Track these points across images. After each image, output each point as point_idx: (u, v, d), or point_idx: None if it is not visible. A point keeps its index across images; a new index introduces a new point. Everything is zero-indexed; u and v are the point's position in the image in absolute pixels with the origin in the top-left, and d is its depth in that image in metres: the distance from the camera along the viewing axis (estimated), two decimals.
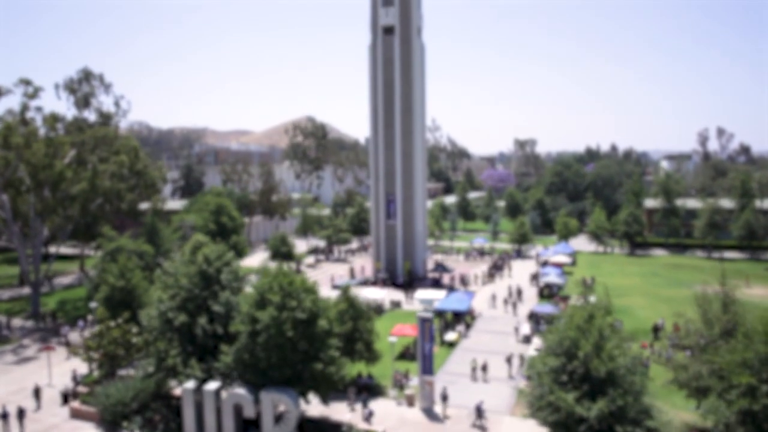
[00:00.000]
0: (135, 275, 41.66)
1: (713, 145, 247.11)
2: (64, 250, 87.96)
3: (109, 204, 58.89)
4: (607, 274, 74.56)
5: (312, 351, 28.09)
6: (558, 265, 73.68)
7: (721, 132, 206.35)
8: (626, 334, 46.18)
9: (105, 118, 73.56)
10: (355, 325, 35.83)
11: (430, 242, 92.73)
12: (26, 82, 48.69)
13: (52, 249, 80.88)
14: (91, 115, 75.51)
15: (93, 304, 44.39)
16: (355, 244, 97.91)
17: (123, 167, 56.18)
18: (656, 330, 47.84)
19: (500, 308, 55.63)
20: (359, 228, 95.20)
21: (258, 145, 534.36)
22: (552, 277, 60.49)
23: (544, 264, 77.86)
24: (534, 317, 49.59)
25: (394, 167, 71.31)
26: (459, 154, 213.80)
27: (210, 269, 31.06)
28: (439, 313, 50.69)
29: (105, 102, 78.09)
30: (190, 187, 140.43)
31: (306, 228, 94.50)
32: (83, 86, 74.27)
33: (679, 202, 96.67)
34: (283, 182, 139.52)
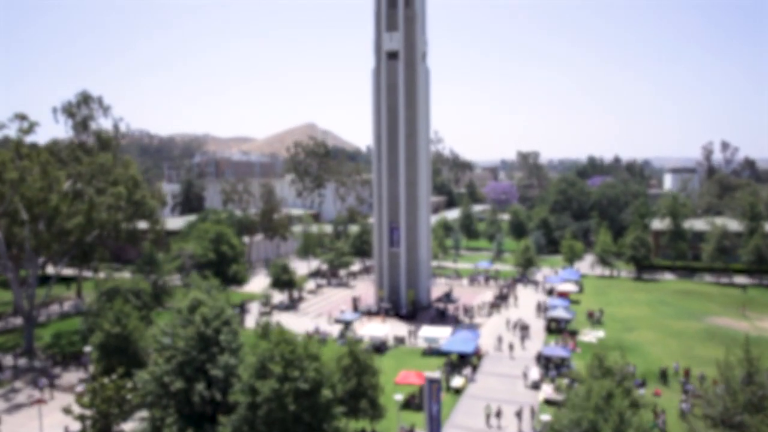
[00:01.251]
0: (131, 320, 40.28)
1: (717, 157, 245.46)
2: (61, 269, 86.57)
3: (106, 234, 57.51)
4: (615, 303, 73.08)
5: (315, 423, 26.62)
6: (564, 295, 72.32)
7: (725, 146, 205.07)
8: (639, 377, 45.10)
9: (104, 143, 72.20)
10: (360, 381, 34.31)
11: (433, 263, 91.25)
12: (21, 117, 47.45)
13: (50, 269, 79.68)
14: (89, 138, 74.30)
15: (87, 348, 42.98)
16: (357, 266, 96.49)
17: (120, 199, 54.79)
18: (667, 375, 46.19)
19: (507, 344, 54.04)
20: (361, 250, 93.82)
21: (259, 153, 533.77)
22: (559, 311, 58.98)
23: (550, 292, 76.46)
24: (542, 359, 48.06)
25: (398, 195, 69.93)
26: (461, 166, 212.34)
27: (208, 330, 29.63)
28: (445, 353, 49.25)
29: (104, 123, 76.47)
30: (190, 203, 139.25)
31: (307, 249, 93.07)
32: (82, 109, 72.98)
33: (687, 224, 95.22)
34: (285, 200, 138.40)
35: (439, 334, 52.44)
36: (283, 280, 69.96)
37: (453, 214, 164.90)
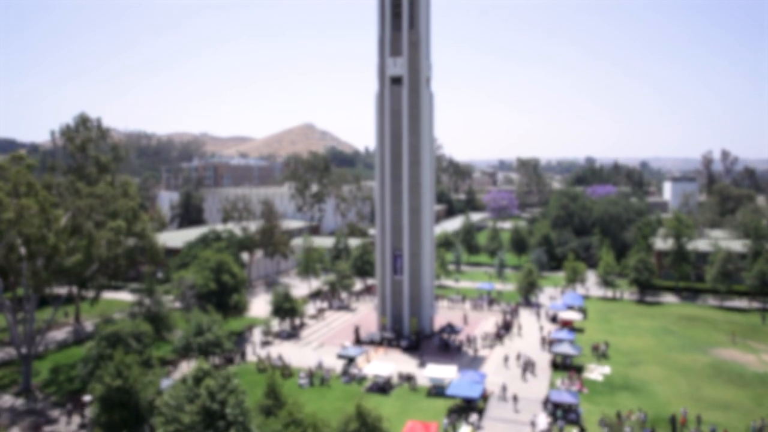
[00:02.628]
0: (132, 372, 39.32)
1: (717, 164, 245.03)
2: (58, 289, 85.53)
3: (105, 268, 56.53)
4: (619, 332, 72.40)
5: None
6: (568, 323, 71.64)
7: (725, 155, 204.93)
8: (648, 426, 44.41)
9: (102, 168, 71.19)
10: None
11: (434, 282, 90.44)
12: (19, 157, 46.41)
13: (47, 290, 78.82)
14: (87, 160, 73.26)
15: (87, 397, 42.05)
16: (358, 284, 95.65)
17: (120, 233, 53.79)
18: (676, 422, 45.41)
19: (513, 386, 53.26)
20: (363, 270, 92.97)
21: (258, 154, 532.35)
22: (565, 346, 58.21)
23: (554, 319, 75.75)
24: (550, 404, 47.29)
25: (402, 222, 69.08)
26: (461, 173, 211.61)
27: (214, 405, 28.74)
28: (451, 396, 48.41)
29: (102, 145, 75.28)
30: (189, 215, 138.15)
31: (308, 268, 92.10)
32: (81, 132, 71.96)
33: (690, 244, 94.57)
34: (284, 213, 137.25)
35: (445, 373, 51.60)
36: (285, 309, 69.00)
37: (453, 225, 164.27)
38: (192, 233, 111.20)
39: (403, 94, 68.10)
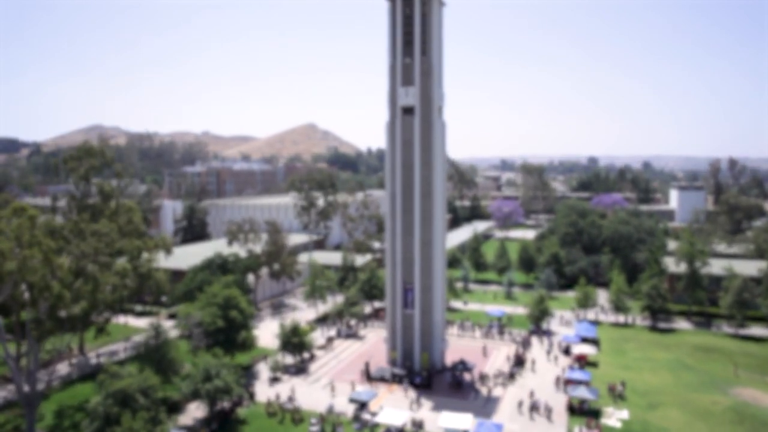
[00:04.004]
0: None
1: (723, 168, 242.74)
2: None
3: (110, 310, 55.12)
4: (634, 365, 70.91)
5: None
6: (582, 357, 70.15)
7: (733, 164, 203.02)
8: None
9: (106, 197, 69.72)
10: None
11: None
12: (21, 208, 44.88)
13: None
14: (91, 189, 71.86)
15: None
16: (366, 308, 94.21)
17: (126, 277, 52.31)
18: None
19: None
20: (370, 294, 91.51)
21: (260, 154, 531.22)
22: (581, 390, 56.69)
23: (567, 351, 74.27)
24: None
25: (413, 255, 67.52)
26: (466, 182, 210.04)
27: None
28: None
29: (105, 173, 73.92)
30: (193, 228, 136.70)
31: (314, 292, 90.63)
32: (83, 162, 70.50)
33: (702, 266, 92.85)
34: (289, 228, 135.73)
35: (461, 423, 50.13)
36: (294, 344, 67.57)
37: (459, 236, 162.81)
38: (196, 251, 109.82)
39: (415, 125, 66.44)
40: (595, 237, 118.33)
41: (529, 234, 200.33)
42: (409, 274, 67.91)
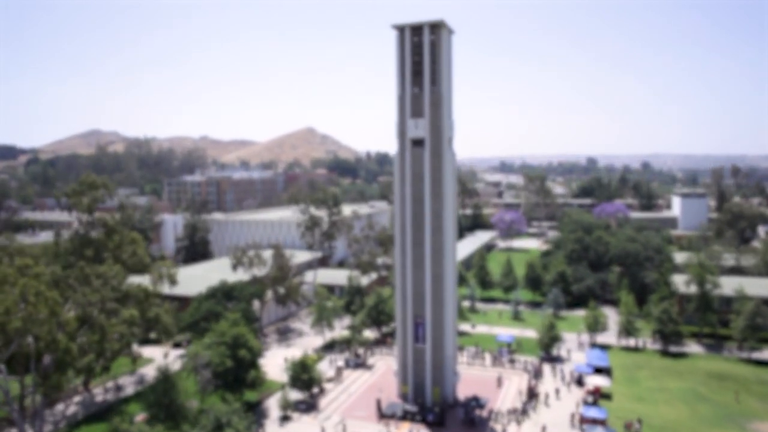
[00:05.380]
0: None
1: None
2: None
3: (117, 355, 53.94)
4: (648, 396, 69.95)
5: None
6: (596, 391, 69.11)
7: (735, 171, 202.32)
8: None
9: (110, 231, 68.51)
10: None
11: None
12: (26, 266, 43.74)
13: None
14: (95, 225, 70.66)
15: None
16: (374, 332, 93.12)
17: (134, 324, 51.14)
18: None
19: None
20: (378, 320, 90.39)
21: (259, 159, 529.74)
22: (598, 431, 55.67)
23: (579, 381, 73.28)
24: None
25: (424, 289, 66.41)
26: (468, 192, 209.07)
27: None
28: None
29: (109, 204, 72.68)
30: (195, 247, 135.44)
31: (321, 318, 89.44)
32: (87, 195, 69.30)
33: (713, 289, 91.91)
34: (292, 244, 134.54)
35: None
36: (303, 380, 66.43)
37: (463, 248, 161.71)
38: (200, 273, 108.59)
39: (425, 158, 65.30)
40: (602, 254, 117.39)
41: (533, 243, 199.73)
42: (420, 308, 66.82)
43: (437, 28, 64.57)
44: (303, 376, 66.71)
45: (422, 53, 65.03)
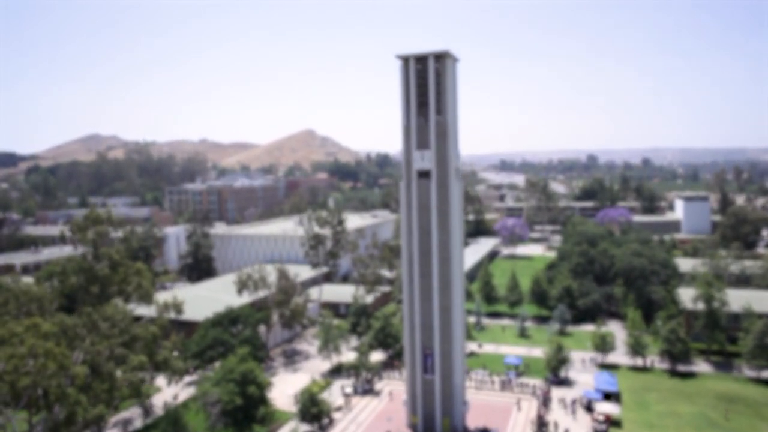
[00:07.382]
0: None
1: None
2: None
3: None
4: (658, 422, 69.60)
5: None
6: (607, 420, 68.78)
7: (738, 173, 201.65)
8: None
9: (114, 265, 68.20)
10: None
11: None
12: (34, 325, 43.35)
13: None
14: (99, 258, 70.29)
15: None
16: (381, 355, 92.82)
17: (144, 368, 50.82)
18: None
19: None
20: (385, 343, 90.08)
21: (259, 163, 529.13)
22: None
23: (588, 407, 73.00)
24: None
25: (432, 321, 66.07)
26: (470, 198, 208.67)
27: None
28: None
29: (113, 233, 72.38)
30: (199, 264, 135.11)
31: (328, 342, 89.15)
32: (91, 229, 68.99)
33: (721, 306, 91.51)
34: (295, 259, 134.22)
35: None
36: (312, 414, 66.18)
37: (466, 258, 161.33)
38: (205, 293, 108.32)
39: (432, 189, 64.87)
40: (608, 267, 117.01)
41: (536, 249, 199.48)
42: (429, 339, 66.50)
43: (442, 57, 64.07)
44: (312, 409, 66.45)
45: (427, 83, 64.51)
